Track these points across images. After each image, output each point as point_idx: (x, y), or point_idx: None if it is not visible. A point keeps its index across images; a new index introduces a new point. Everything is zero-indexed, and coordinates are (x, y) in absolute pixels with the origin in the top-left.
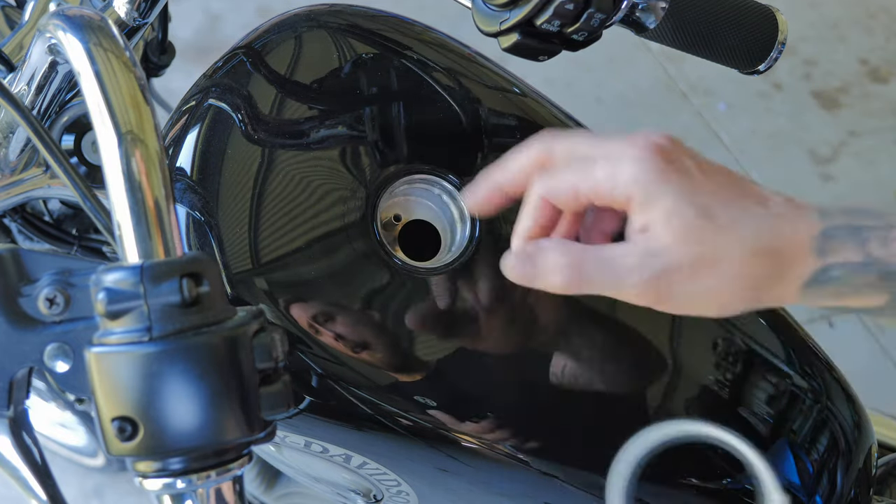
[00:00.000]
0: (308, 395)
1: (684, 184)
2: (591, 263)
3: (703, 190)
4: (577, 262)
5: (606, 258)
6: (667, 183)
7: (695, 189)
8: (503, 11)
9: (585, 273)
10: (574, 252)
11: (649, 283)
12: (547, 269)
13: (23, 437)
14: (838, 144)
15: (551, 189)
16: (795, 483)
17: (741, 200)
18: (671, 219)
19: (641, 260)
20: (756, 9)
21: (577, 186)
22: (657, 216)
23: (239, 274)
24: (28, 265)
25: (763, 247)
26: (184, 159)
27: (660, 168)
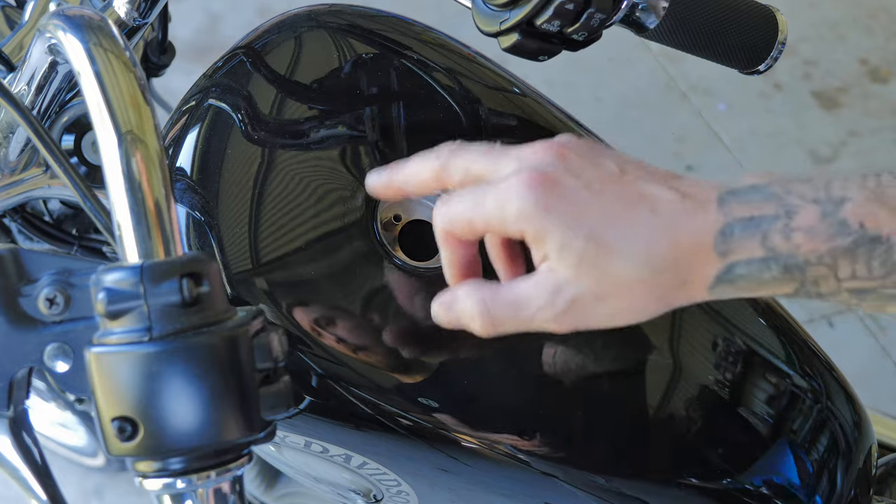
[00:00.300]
0: (308, 395)
1: (569, 212)
2: (502, 308)
3: (590, 214)
4: (488, 309)
5: (515, 299)
6: (553, 216)
7: (581, 215)
8: (503, 11)
9: (497, 319)
10: (484, 298)
11: (560, 317)
12: (463, 316)
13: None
14: (838, 144)
15: (447, 222)
16: (795, 483)
17: (630, 214)
18: (564, 252)
19: (547, 297)
20: (756, 9)
21: (471, 219)
22: (550, 250)
23: (239, 274)
24: (28, 265)
25: (658, 261)
26: (184, 159)
27: (544, 200)
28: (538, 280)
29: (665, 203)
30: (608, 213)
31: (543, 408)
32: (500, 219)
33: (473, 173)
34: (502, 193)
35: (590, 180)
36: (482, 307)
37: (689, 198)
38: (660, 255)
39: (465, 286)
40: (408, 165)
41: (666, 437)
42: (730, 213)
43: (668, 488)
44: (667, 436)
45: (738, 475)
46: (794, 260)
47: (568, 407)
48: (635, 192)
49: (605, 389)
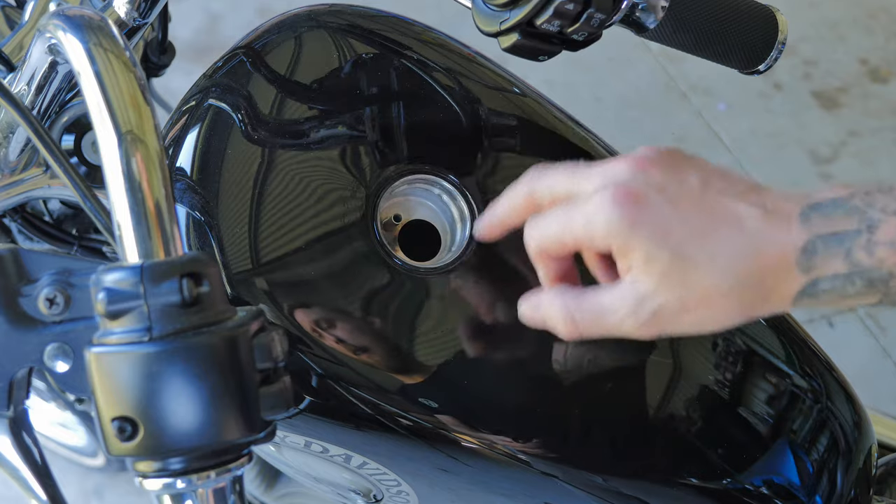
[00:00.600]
0: (308, 395)
1: (656, 228)
2: (586, 315)
3: (675, 229)
4: (572, 315)
5: (599, 308)
6: (639, 231)
7: (667, 231)
8: (503, 11)
9: (582, 325)
10: (568, 304)
11: (644, 327)
12: (549, 320)
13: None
14: (838, 144)
15: (540, 244)
16: (795, 483)
17: (715, 230)
18: (649, 265)
19: (631, 307)
20: (756, 9)
21: (561, 239)
22: (636, 263)
23: (239, 274)
24: (28, 265)
25: (744, 276)
26: (184, 159)
27: (630, 216)
28: (623, 290)
29: (749, 220)
30: (693, 229)
31: (543, 408)
32: (588, 236)
33: (560, 193)
34: (589, 211)
35: (673, 195)
36: (566, 313)
37: (771, 214)
38: (744, 271)
39: (553, 291)
40: (502, 201)
41: (666, 436)
42: (812, 229)
43: (668, 488)
44: (667, 436)
45: (738, 475)
46: (878, 273)
47: (568, 407)
48: (720, 207)
49: (605, 389)
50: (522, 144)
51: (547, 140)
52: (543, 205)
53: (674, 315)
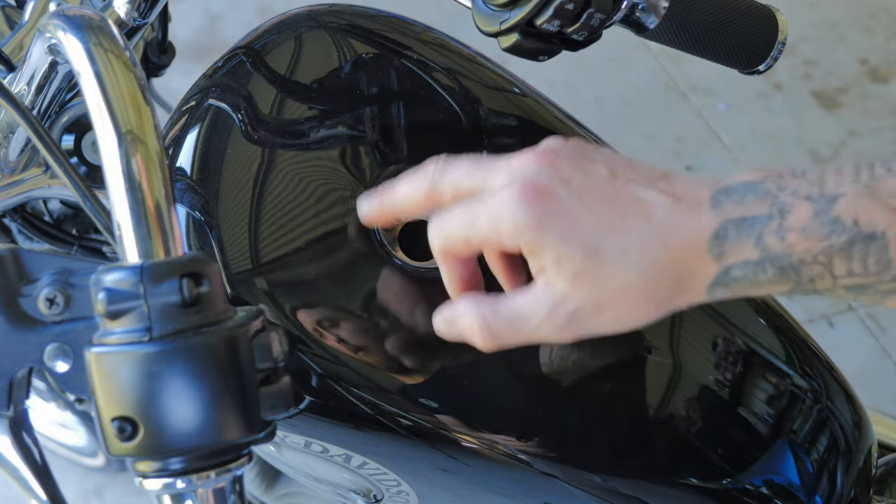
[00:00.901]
0: (308, 395)
1: (563, 225)
2: (502, 323)
3: (584, 224)
4: (488, 324)
5: (515, 314)
6: (546, 229)
7: (575, 226)
8: (503, 11)
9: (498, 333)
10: (484, 314)
11: (561, 330)
12: (465, 332)
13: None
14: (838, 144)
15: (443, 241)
16: (795, 483)
17: (623, 223)
18: (560, 265)
19: (547, 311)
20: (756, 9)
21: (467, 237)
22: (548, 263)
23: (239, 274)
24: (28, 265)
25: (655, 269)
26: (184, 159)
27: (537, 214)
28: (537, 294)
29: (658, 208)
30: (602, 223)
31: (543, 408)
32: (496, 235)
33: (464, 188)
34: (495, 209)
35: (581, 189)
36: (482, 322)
37: (681, 201)
38: (656, 263)
39: (465, 301)
40: (397, 189)
41: (666, 436)
42: (723, 214)
43: (669, 488)
44: (667, 435)
45: (738, 475)
46: (788, 260)
47: (568, 407)
48: (627, 198)
49: (604, 389)
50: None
51: None
52: (444, 199)
53: (590, 316)
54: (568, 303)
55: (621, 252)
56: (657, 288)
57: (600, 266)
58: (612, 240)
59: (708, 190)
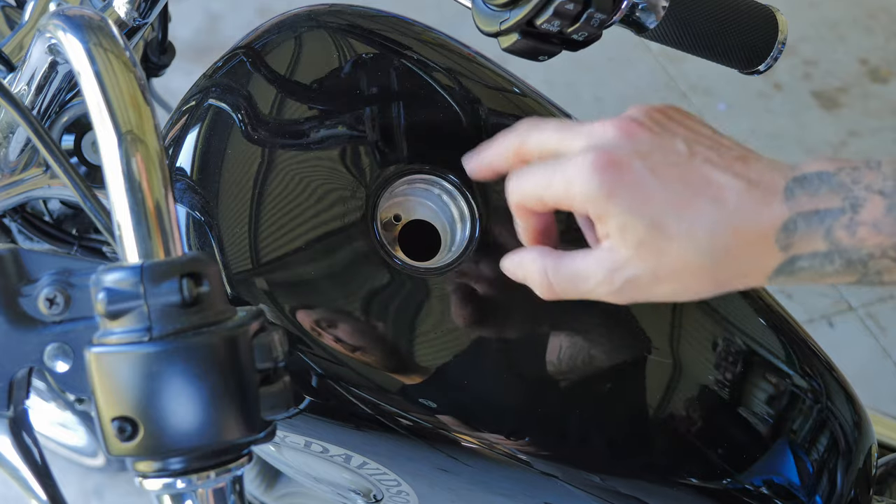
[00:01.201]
0: (308, 395)
1: (634, 197)
2: (562, 277)
3: (654, 200)
4: (548, 278)
5: (575, 273)
6: (616, 200)
7: (645, 200)
8: (503, 11)
9: (558, 287)
10: (546, 267)
11: (617, 293)
12: (528, 278)
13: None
14: (838, 144)
15: (520, 198)
16: (795, 483)
17: (694, 203)
18: (625, 233)
19: (605, 274)
20: (756, 9)
21: (541, 196)
22: (612, 230)
23: (239, 274)
24: (28, 265)
25: (720, 251)
26: (184, 159)
27: (608, 184)
28: (598, 256)
29: (730, 192)
30: (672, 200)
31: (543, 408)
32: (567, 198)
33: (549, 148)
34: (569, 174)
35: (657, 163)
36: (543, 276)
37: (755, 187)
38: (721, 246)
39: (532, 252)
40: (492, 147)
41: (666, 436)
42: (795, 206)
43: (669, 488)
44: (667, 435)
45: (738, 475)
46: (857, 254)
47: (568, 407)
48: (702, 178)
49: (604, 389)
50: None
51: None
52: (531, 157)
53: (647, 285)
54: (628, 269)
55: (688, 231)
56: (717, 270)
57: (664, 240)
58: (680, 218)
59: (783, 177)
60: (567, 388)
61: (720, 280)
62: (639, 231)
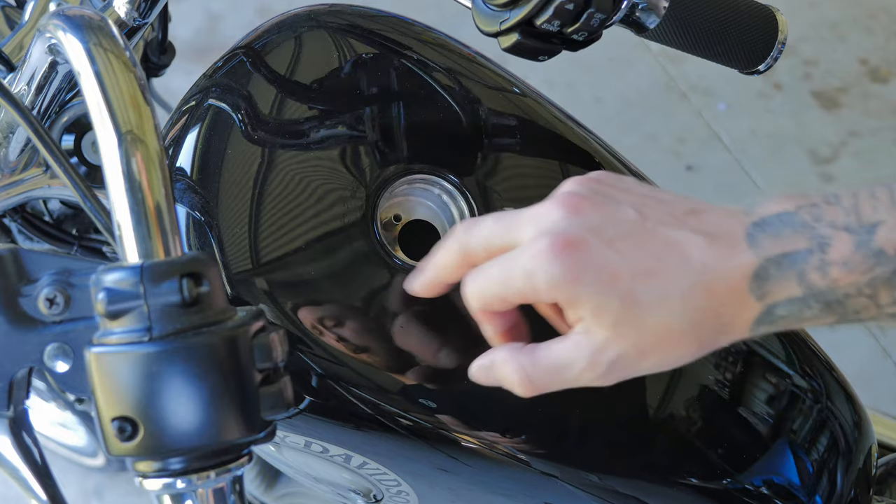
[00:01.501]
0: (308, 395)
1: (600, 276)
2: (541, 372)
3: (621, 273)
4: (528, 375)
5: (555, 363)
6: (583, 282)
7: (612, 276)
8: (503, 11)
9: (539, 382)
10: (523, 363)
11: (603, 376)
12: (503, 381)
13: (23, 437)
14: (838, 144)
15: (481, 301)
16: (795, 483)
17: (661, 269)
18: (600, 315)
19: (588, 359)
20: (756, 9)
21: (503, 295)
22: (586, 313)
23: (239, 274)
24: (28, 265)
25: (697, 312)
26: (184, 159)
27: (571, 268)
28: (576, 342)
29: (694, 249)
30: (638, 270)
31: (543, 408)
32: (532, 290)
33: (494, 245)
34: (527, 265)
35: (611, 236)
36: (522, 374)
37: (716, 239)
38: (697, 306)
39: (503, 351)
40: (434, 259)
41: (666, 436)
42: (762, 251)
43: (668, 488)
44: (667, 435)
45: (738, 475)
46: (833, 295)
47: (568, 407)
48: (660, 240)
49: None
50: (522, 144)
51: (547, 140)
52: (478, 259)
53: (632, 361)
54: (610, 350)
55: (662, 298)
56: (700, 332)
57: (641, 313)
58: (650, 286)
59: (741, 224)
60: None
61: (704, 342)
62: (613, 310)
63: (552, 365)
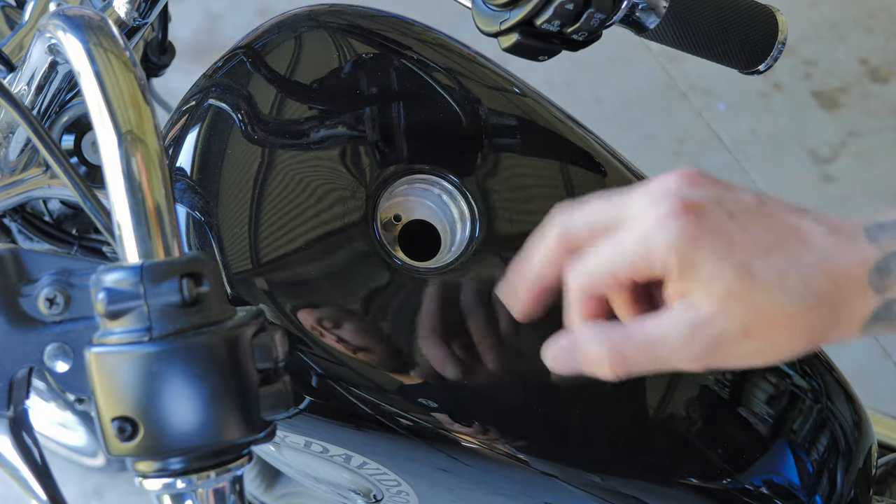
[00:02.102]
0: (308, 395)
1: (720, 244)
2: (634, 349)
3: (741, 245)
4: (619, 352)
5: (649, 339)
6: (701, 247)
7: (732, 247)
8: (503, 11)
9: (630, 361)
10: (613, 340)
11: (700, 356)
12: (589, 362)
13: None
14: (838, 144)
15: (588, 283)
16: (795, 483)
17: (782, 247)
18: (712, 285)
19: (688, 334)
20: (756, 9)
21: (614, 271)
22: (696, 283)
23: (239, 274)
24: (28, 265)
25: (813, 297)
26: (184, 159)
27: (691, 231)
28: (675, 316)
29: (815, 235)
30: (758, 245)
31: (543, 408)
32: (645, 258)
33: (599, 224)
34: (644, 232)
35: (733, 209)
36: (612, 351)
37: (837, 230)
38: (815, 290)
39: (590, 329)
40: (534, 256)
41: (666, 436)
42: (884, 246)
43: (668, 488)
44: (667, 435)
45: (738, 475)
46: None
47: (568, 407)
48: (784, 223)
49: (604, 389)
50: (522, 144)
51: (547, 140)
52: (581, 241)
53: (733, 342)
54: (713, 325)
55: (779, 276)
56: (810, 319)
57: (755, 288)
58: (769, 262)
59: (860, 224)
60: (567, 387)
61: (813, 332)
62: (726, 280)
63: (647, 339)
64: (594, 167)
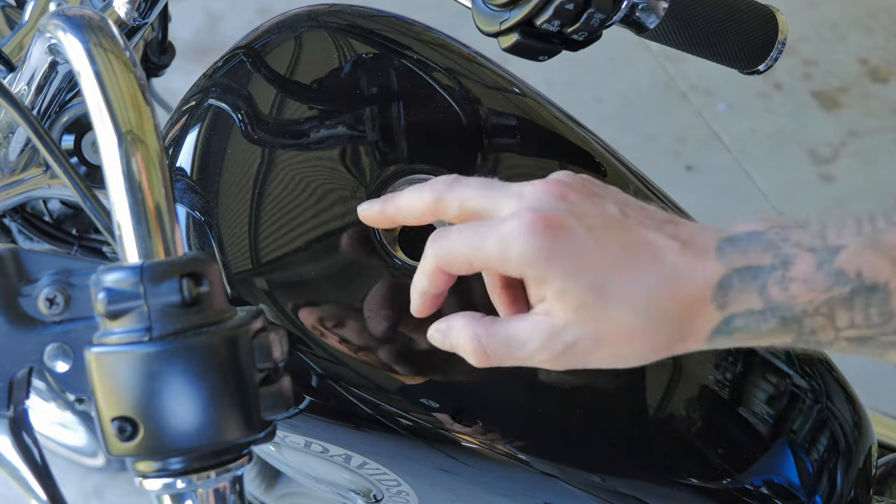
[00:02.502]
0: (308, 395)
1: (573, 259)
2: (497, 346)
3: (593, 262)
4: (482, 346)
5: (510, 338)
6: (556, 262)
7: (584, 263)
8: (503, 11)
9: (493, 354)
10: (479, 335)
11: (556, 359)
12: (459, 347)
13: (23, 437)
14: (838, 144)
15: (444, 257)
16: (795, 483)
17: (634, 264)
18: (564, 297)
19: (545, 339)
20: (756, 9)
21: (470, 258)
22: (550, 294)
23: (239, 274)
24: (28, 265)
25: (662, 312)
26: (184, 159)
27: (546, 248)
28: (534, 321)
29: (667, 252)
30: (611, 261)
31: (543, 408)
32: (502, 260)
33: (471, 207)
34: (504, 235)
35: (592, 224)
36: (476, 343)
37: (688, 246)
38: (660, 307)
39: (461, 318)
40: (401, 196)
41: (666, 436)
42: (728, 263)
43: (668, 488)
44: (667, 436)
45: (738, 475)
46: (791, 311)
47: (568, 407)
48: (638, 238)
49: (604, 389)
50: (522, 144)
51: (547, 140)
52: (447, 215)
53: (587, 349)
54: (567, 333)
55: (628, 293)
56: (659, 332)
57: (605, 303)
58: (620, 279)
59: (714, 238)
60: (567, 387)
61: (661, 344)
62: (578, 294)
63: (507, 339)
64: (594, 167)
